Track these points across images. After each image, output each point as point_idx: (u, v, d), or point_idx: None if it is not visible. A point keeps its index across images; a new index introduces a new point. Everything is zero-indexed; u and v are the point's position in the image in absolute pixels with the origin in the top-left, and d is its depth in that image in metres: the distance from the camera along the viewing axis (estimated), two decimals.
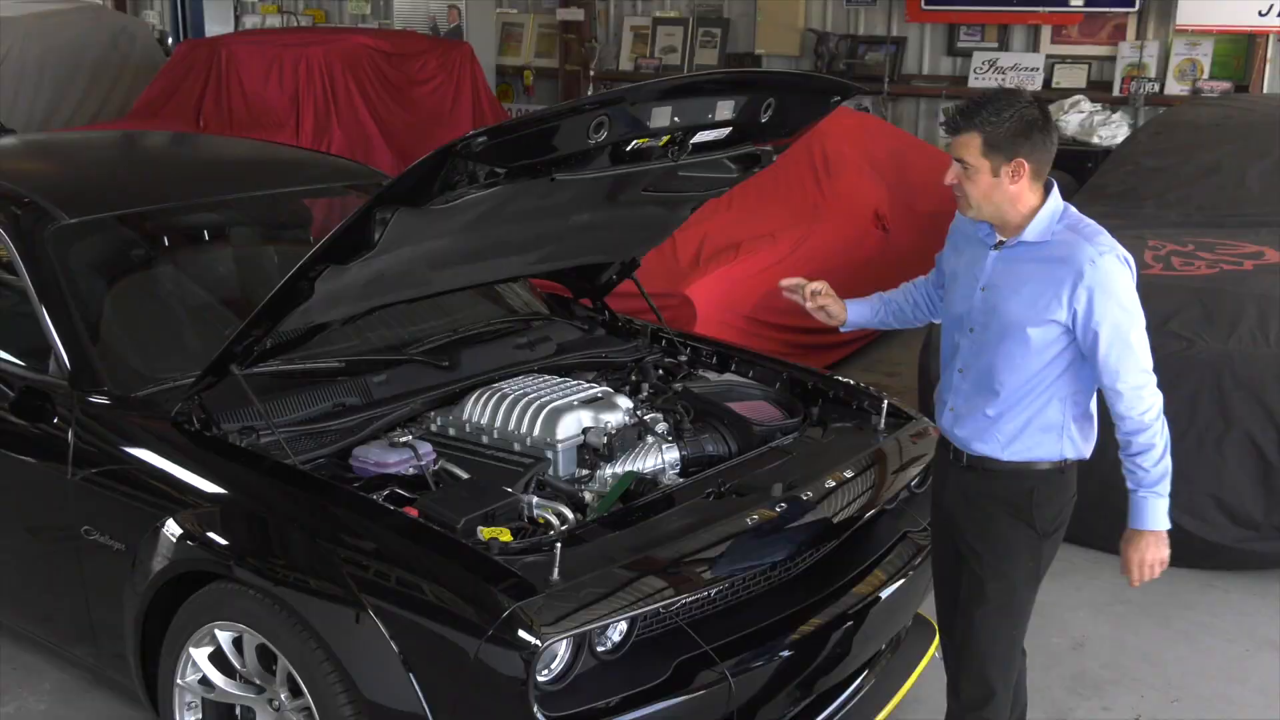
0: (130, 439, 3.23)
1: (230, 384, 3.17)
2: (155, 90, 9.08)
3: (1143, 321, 2.84)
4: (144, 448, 3.20)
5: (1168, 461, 2.88)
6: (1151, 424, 2.84)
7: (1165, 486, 2.89)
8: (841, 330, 3.35)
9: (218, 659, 3.03)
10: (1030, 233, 2.86)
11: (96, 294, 3.67)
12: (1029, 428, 2.92)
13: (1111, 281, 2.78)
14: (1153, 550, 2.92)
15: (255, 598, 2.85)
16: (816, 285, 3.27)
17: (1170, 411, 4.39)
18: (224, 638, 2.99)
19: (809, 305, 3.26)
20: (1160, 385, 2.87)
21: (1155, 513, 2.90)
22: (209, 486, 3.05)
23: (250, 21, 13.20)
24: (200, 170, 4.63)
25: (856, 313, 3.31)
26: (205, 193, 4.16)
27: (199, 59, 8.95)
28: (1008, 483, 2.96)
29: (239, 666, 3.00)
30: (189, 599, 3.01)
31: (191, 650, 3.04)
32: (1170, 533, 4.52)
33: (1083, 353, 2.85)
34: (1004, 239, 2.91)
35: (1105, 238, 2.84)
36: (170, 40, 12.73)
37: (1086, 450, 2.99)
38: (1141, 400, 2.83)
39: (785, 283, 3.32)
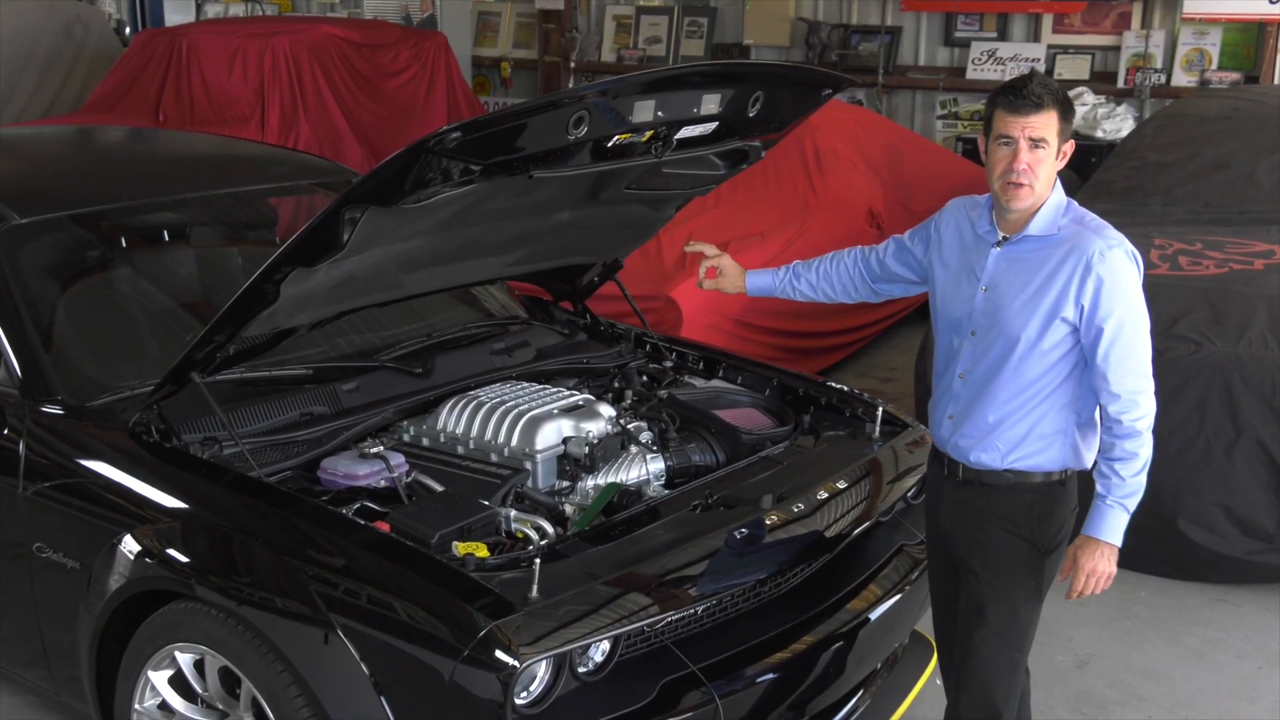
0: (85, 451, 3.22)
1: (191, 392, 3.16)
2: (112, 83, 9.04)
3: (1148, 324, 2.86)
4: (100, 460, 3.18)
5: (1144, 478, 2.88)
6: (1142, 433, 2.85)
7: (1134, 502, 2.89)
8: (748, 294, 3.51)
9: (178, 683, 3.02)
10: (1036, 226, 2.87)
11: (49, 298, 3.65)
12: (1031, 434, 2.93)
13: (1120, 276, 2.81)
14: (1104, 562, 2.91)
15: (218, 618, 2.84)
16: (712, 258, 3.46)
17: (1178, 417, 4.48)
18: (185, 660, 2.97)
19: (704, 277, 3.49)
20: (1167, 390, 2.90)
21: (1116, 525, 2.89)
22: (169, 501, 3.04)
23: (212, 10, 13.17)
24: (159, 167, 4.62)
25: (757, 281, 3.44)
26: (165, 191, 4.14)
27: (158, 49, 8.92)
28: (1007, 497, 2.97)
29: (200, 690, 2.99)
30: (147, 619, 3.00)
31: (150, 673, 3.02)
32: (1178, 544, 4.59)
33: (1086, 353, 2.87)
34: (1007, 235, 2.92)
35: (1113, 231, 2.87)
36: (128, 30, 12.68)
37: (1088, 459, 3.00)
38: (1138, 406, 2.83)
39: (690, 247, 3.52)
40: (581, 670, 2.71)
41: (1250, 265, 5.15)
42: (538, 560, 2.70)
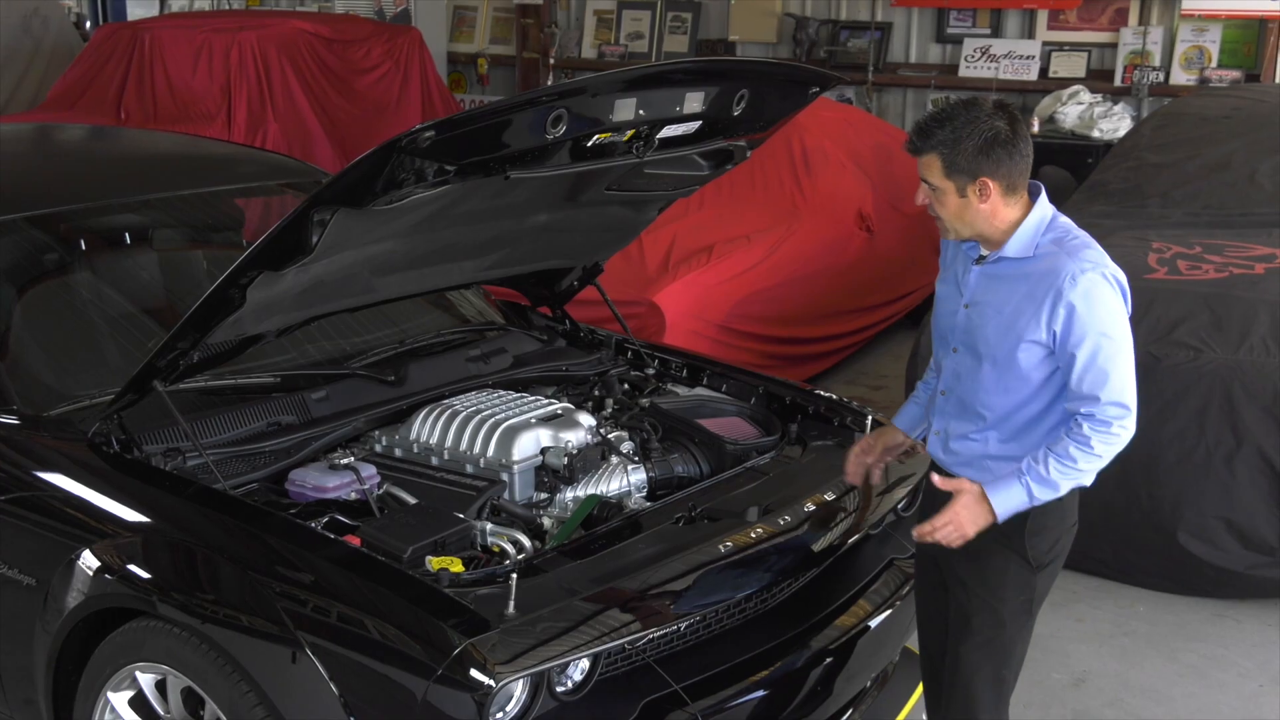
0: (42, 463, 3.20)
1: (154, 401, 3.14)
2: (71, 79, 9.03)
3: (1129, 351, 2.83)
4: (57, 472, 3.17)
5: (1064, 486, 2.84)
6: (1094, 449, 2.80)
7: (1040, 490, 2.83)
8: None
9: (139, 704, 3.00)
10: (1012, 248, 2.89)
11: (4, 303, 3.64)
12: (1020, 458, 2.94)
13: (1092, 301, 2.78)
14: (969, 520, 2.86)
15: (180, 636, 2.82)
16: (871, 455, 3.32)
17: (1177, 426, 4.51)
18: (146, 680, 2.96)
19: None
20: (1165, 398, 2.89)
21: (1009, 498, 2.85)
22: (130, 514, 3.03)
23: (177, 4, 13.15)
24: (121, 167, 4.60)
25: (908, 417, 3.30)
26: (127, 192, 4.13)
27: (119, 44, 8.90)
28: None
29: (162, 712, 2.97)
30: (107, 638, 2.98)
31: (110, 695, 3.01)
32: (1177, 557, 4.60)
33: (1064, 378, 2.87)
34: (986, 253, 2.94)
35: (1092, 253, 2.85)
36: (88, 24, 12.65)
37: (1088, 479, 2.99)
38: (1108, 429, 2.80)
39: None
40: (560, 689, 2.71)
41: (1251, 269, 5.18)
42: (514, 575, 2.70)
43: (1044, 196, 2.91)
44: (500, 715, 2.61)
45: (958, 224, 2.89)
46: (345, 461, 3.30)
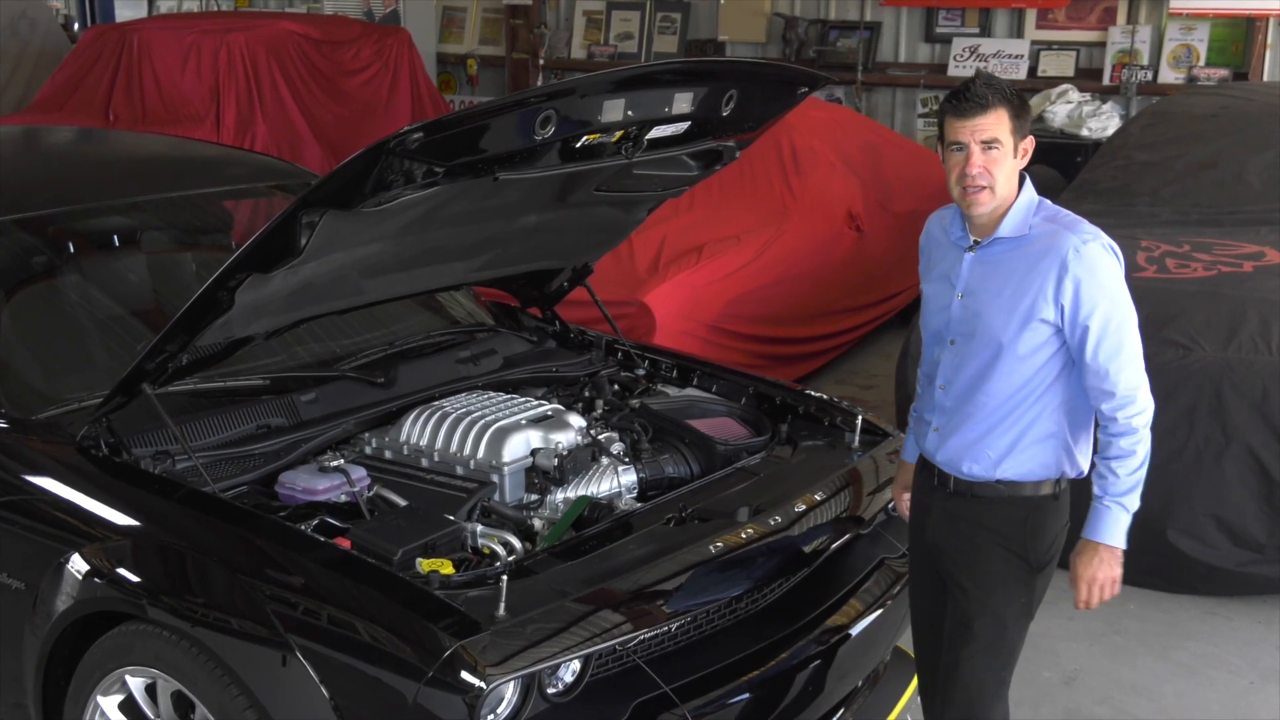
0: (31, 466, 3.19)
1: (142, 404, 3.14)
2: (59, 81, 9.01)
3: (1135, 317, 2.86)
4: (46, 475, 3.16)
5: (1143, 474, 2.88)
6: (1139, 429, 2.85)
7: (1133, 501, 2.89)
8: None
9: (129, 708, 3.00)
10: (1006, 228, 2.89)
11: None
12: (1022, 442, 2.94)
13: (1098, 270, 2.81)
14: (1106, 568, 2.90)
15: (170, 640, 2.82)
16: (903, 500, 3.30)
17: (1166, 425, 4.50)
18: (136, 684, 2.95)
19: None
20: (1155, 396, 2.90)
21: (1116, 525, 2.89)
22: (119, 518, 3.02)
23: (165, 5, 13.12)
24: (110, 169, 4.59)
25: (913, 449, 3.26)
26: (115, 194, 4.12)
27: (108, 46, 8.89)
28: (999, 510, 2.98)
29: (152, 716, 2.97)
30: (96, 642, 2.97)
31: (100, 699, 3.00)
32: (1167, 555, 4.61)
33: (1073, 354, 2.88)
34: (978, 239, 2.94)
35: (1088, 225, 2.88)
36: (76, 26, 12.63)
37: (1085, 465, 3.00)
38: (1134, 402, 2.84)
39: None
40: (551, 691, 2.70)
41: (1239, 267, 5.19)
42: (505, 577, 2.70)
43: (1029, 181, 2.93)
44: (491, 717, 2.61)
45: (1007, 188, 2.87)
46: (335, 464, 3.28)
